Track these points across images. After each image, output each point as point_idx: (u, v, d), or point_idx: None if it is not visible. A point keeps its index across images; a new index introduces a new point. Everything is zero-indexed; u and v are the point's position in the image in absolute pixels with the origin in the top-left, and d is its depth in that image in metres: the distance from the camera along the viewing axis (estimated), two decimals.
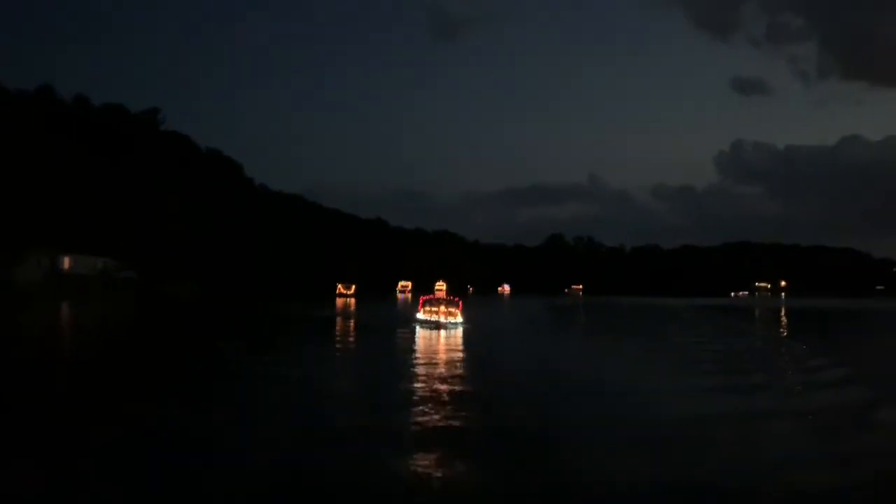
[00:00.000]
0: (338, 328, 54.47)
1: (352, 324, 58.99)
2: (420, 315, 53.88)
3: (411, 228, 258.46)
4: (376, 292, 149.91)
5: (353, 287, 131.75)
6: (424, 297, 56.76)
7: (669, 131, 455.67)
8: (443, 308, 53.60)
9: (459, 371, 28.82)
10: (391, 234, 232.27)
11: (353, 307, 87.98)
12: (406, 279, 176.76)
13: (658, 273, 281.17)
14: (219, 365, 30.64)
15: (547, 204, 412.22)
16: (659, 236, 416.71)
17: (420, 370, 28.77)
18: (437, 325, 51.18)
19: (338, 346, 41.29)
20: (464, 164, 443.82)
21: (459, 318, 53.31)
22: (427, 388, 24.18)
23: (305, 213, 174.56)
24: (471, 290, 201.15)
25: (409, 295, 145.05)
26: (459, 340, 42.32)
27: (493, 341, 45.84)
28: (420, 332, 46.73)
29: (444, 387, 24.64)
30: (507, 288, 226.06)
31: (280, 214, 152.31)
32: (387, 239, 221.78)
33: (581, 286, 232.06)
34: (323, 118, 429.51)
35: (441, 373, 27.98)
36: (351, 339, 46.12)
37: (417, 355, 34.31)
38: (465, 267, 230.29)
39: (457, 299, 56.53)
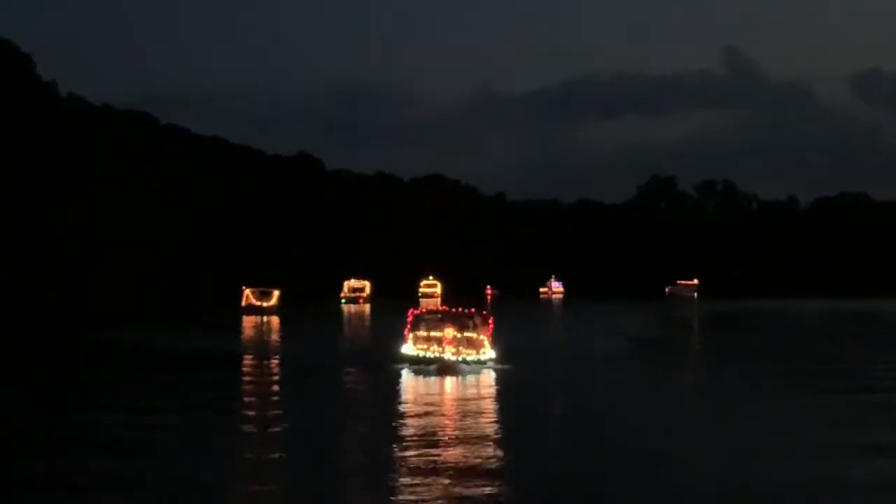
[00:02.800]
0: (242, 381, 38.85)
1: (269, 374, 43.03)
2: (408, 348, 41.05)
3: (370, 173, 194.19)
4: (316, 300, 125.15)
5: (275, 295, 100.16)
6: (416, 311, 43.56)
7: None
8: (452, 333, 40.15)
9: None
10: (328, 182, 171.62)
11: (273, 333, 71.52)
12: (360, 274, 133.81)
13: (863, 248, 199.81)
14: None
15: (635, 116, 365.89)
16: (870, 177, 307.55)
17: None
18: (442, 370, 38.74)
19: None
20: (460, 47, 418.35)
21: (489, 353, 40.55)
22: None
23: (163, 147, 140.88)
24: (490, 292, 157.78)
25: (367, 305, 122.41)
26: (502, 420, 28.76)
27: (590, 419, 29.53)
28: (407, 388, 35.95)
29: None
30: (555, 287, 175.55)
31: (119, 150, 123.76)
32: (320, 194, 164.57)
33: (695, 281, 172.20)
34: None
35: None
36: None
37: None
38: (479, 248, 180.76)
39: (484, 313, 43.22)
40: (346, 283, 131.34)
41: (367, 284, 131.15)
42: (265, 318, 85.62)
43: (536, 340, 60.05)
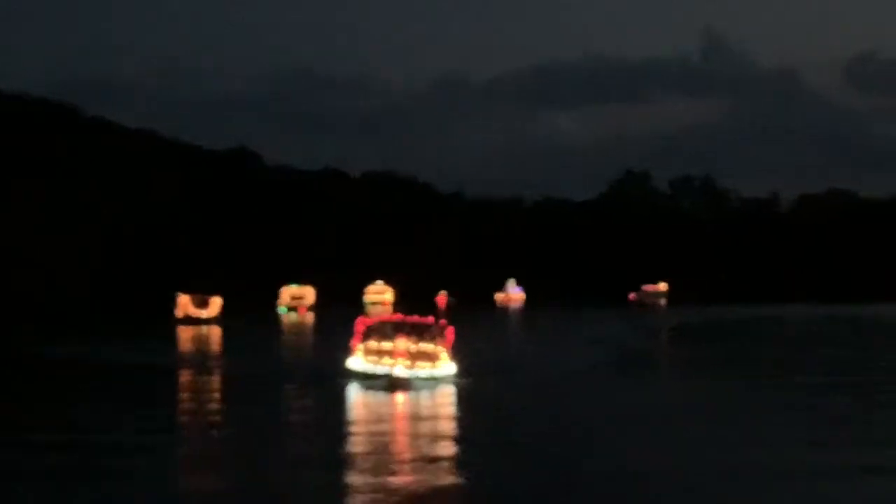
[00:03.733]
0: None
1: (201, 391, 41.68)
2: (357, 361, 40.00)
3: (316, 168, 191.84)
4: (254, 308, 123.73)
5: (215, 303, 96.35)
6: (366, 322, 42.23)
7: None
8: (406, 345, 39.37)
9: None
10: (268, 179, 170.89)
11: (213, 344, 70.08)
12: (298, 280, 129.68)
13: (848, 249, 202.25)
14: None
15: (608, 104, 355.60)
16: (860, 172, 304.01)
17: None
18: (392, 385, 38.03)
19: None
20: (417, 29, 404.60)
21: (446, 367, 39.78)
22: None
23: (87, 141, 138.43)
24: (444, 298, 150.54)
25: (309, 313, 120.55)
26: (451, 442, 28.06)
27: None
28: (350, 406, 35.78)
29: None
30: (514, 294, 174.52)
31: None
32: (259, 191, 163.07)
33: (664, 286, 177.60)
34: None
35: None
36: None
37: None
38: (434, 250, 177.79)
39: (443, 323, 42.22)
40: (284, 290, 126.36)
41: (308, 291, 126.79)
42: (202, 332, 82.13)
43: (499, 353, 59.22)
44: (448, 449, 26.70)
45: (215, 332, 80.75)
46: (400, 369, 38.28)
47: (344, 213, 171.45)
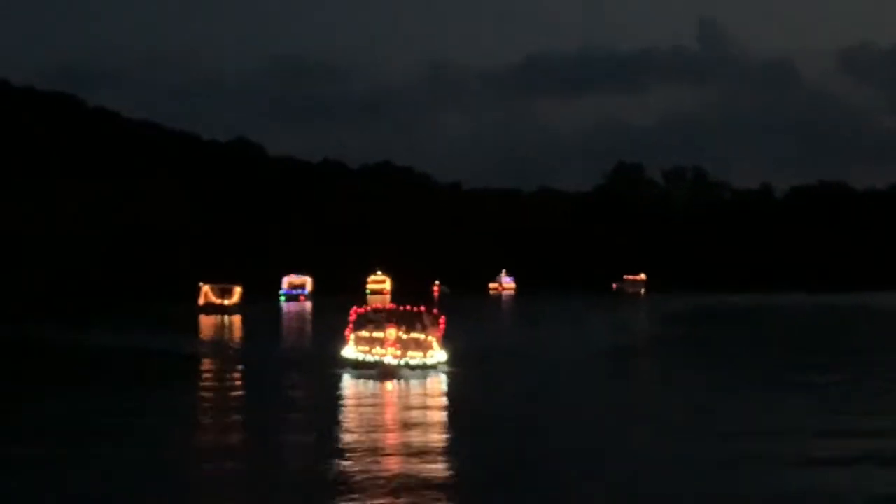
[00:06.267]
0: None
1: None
2: (350, 350, 40.00)
3: (316, 159, 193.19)
4: (257, 296, 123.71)
5: (237, 292, 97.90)
6: (359, 310, 41.92)
7: None
8: (396, 333, 39.09)
9: None
10: (269, 169, 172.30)
11: (235, 332, 71.10)
12: (298, 269, 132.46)
13: (840, 241, 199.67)
14: None
15: (603, 94, 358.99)
16: (854, 162, 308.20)
17: None
18: (383, 374, 38.07)
19: None
20: (412, 20, 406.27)
21: (437, 355, 39.49)
22: None
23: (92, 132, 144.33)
24: (437, 287, 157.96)
25: (308, 302, 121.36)
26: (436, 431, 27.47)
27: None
28: (349, 392, 35.41)
29: None
30: (506, 283, 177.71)
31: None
32: (260, 181, 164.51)
33: (642, 276, 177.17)
34: None
35: None
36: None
37: None
38: (431, 241, 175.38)
39: (435, 312, 41.84)
40: (285, 279, 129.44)
41: (308, 280, 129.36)
42: (224, 320, 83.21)
43: (491, 341, 59.17)
44: (432, 436, 26.54)
45: (235, 322, 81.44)
46: (390, 358, 38.30)
47: (343, 204, 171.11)
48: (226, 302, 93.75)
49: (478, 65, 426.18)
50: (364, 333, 39.67)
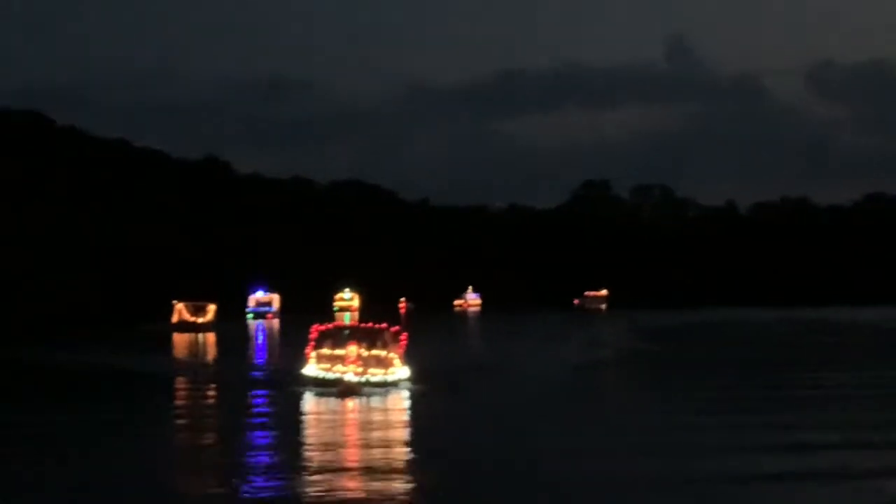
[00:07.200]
0: None
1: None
2: (311, 368, 39.84)
3: (285, 177, 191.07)
4: (224, 315, 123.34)
5: (210, 310, 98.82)
6: (320, 327, 41.38)
7: None
8: (356, 351, 38.78)
9: None
10: (238, 188, 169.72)
11: (207, 350, 70.63)
12: (269, 287, 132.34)
13: (802, 256, 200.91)
14: None
15: (572, 111, 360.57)
16: (818, 178, 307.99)
17: None
18: (343, 391, 37.37)
19: None
20: (383, 36, 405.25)
21: (399, 372, 39.40)
22: None
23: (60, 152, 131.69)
24: (403, 305, 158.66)
25: (275, 319, 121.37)
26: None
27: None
28: (309, 410, 35.15)
29: None
30: (471, 300, 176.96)
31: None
32: (230, 200, 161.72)
33: (604, 292, 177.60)
34: None
35: None
36: None
37: None
38: (400, 258, 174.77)
39: (396, 329, 41.27)
40: (252, 297, 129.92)
41: (275, 297, 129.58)
42: (198, 339, 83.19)
43: (454, 358, 58.99)
44: (391, 454, 26.32)
45: (208, 340, 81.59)
46: (351, 375, 38.04)
47: (312, 222, 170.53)
48: (200, 320, 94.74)
49: (447, 82, 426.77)
50: (325, 351, 39.61)
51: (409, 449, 27.16)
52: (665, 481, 22.21)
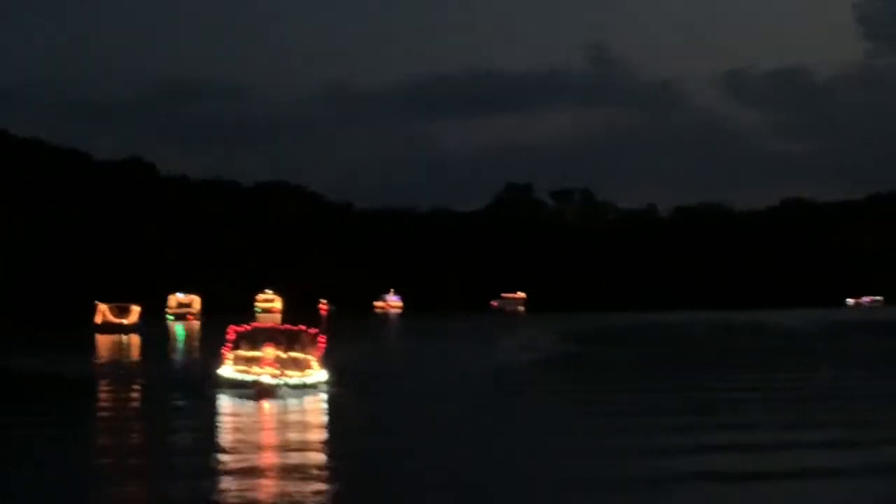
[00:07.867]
0: None
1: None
2: (227, 370, 38.85)
3: (208, 177, 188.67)
4: (144, 316, 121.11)
5: (134, 311, 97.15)
6: (237, 328, 40.61)
7: None
8: (273, 353, 38.18)
9: None
10: (162, 189, 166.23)
11: (131, 351, 70.29)
12: (186, 288, 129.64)
13: (720, 260, 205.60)
14: None
15: (495, 115, 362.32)
16: (736, 183, 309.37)
17: None
18: (260, 393, 36.67)
19: None
20: (306, 39, 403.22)
21: (317, 375, 38.96)
22: None
23: None
24: (324, 306, 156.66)
25: (196, 321, 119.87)
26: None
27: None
28: (224, 412, 34.49)
29: None
30: (392, 301, 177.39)
31: None
32: (153, 201, 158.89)
33: (521, 294, 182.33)
34: None
35: None
36: None
37: None
38: (323, 260, 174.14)
39: (314, 330, 41.00)
40: (171, 298, 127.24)
41: (195, 299, 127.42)
42: (123, 340, 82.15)
43: (372, 360, 58.86)
44: (306, 456, 26.15)
45: (133, 342, 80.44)
46: (268, 377, 37.47)
47: (235, 223, 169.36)
48: (124, 321, 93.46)
49: (371, 86, 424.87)
50: (242, 352, 39.02)
51: (324, 452, 26.97)
52: (587, 483, 22.37)
